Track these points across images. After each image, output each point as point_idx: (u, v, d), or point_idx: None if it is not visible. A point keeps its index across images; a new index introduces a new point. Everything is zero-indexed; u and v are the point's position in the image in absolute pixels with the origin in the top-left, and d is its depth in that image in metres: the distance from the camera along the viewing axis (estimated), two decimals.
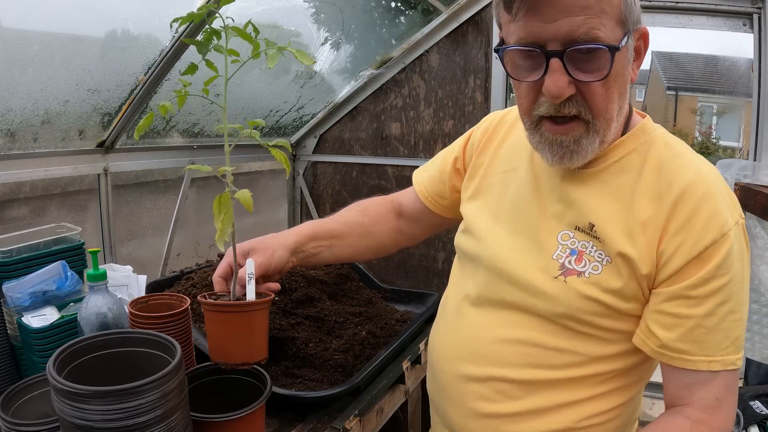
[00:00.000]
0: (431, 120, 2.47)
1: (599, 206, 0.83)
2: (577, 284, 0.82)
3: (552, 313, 0.85)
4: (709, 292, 0.77)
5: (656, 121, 0.90)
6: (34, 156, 1.60)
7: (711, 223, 0.76)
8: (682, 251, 0.77)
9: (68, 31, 1.49)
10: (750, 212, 1.72)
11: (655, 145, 0.85)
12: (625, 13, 0.73)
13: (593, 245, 0.83)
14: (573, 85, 0.75)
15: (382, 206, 1.26)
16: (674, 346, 0.79)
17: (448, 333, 1.01)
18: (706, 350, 0.78)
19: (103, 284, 1.04)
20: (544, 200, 0.90)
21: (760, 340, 1.83)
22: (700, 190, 0.78)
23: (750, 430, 1.45)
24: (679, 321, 0.79)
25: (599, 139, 0.80)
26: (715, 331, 0.78)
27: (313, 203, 2.82)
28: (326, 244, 1.15)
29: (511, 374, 0.89)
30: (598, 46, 0.71)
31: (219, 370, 1.03)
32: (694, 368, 0.79)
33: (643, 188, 0.81)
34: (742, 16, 1.81)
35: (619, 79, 0.77)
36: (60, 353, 0.78)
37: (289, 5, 2.04)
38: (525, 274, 0.88)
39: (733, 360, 0.79)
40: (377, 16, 2.36)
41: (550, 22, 0.71)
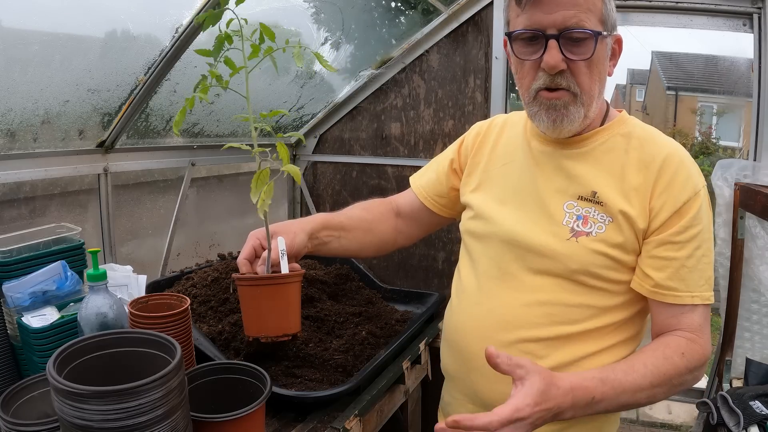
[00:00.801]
0: (431, 120, 2.47)
1: (598, 177, 1.03)
2: (587, 242, 1.01)
3: (568, 271, 1.01)
4: (689, 237, 0.98)
5: (656, 121, 0.99)
6: (34, 156, 1.60)
7: (686, 185, 0.99)
8: (666, 206, 0.98)
9: (68, 31, 1.49)
10: (750, 212, 1.72)
11: (634, 130, 1.07)
12: (605, 15, 0.96)
13: (596, 210, 1.02)
14: (565, 62, 0.96)
15: (382, 206, 1.37)
16: (665, 284, 0.99)
17: (470, 308, 1.13)
18: (689, 287, 0.99)
19: (103, 284, 1.04)
20: (546, 179, 1.08)
21: (760, 340, 1.83)
22: (676, 160, 1.00)
23: (750, 430, 1.45)
24: (668, 263, 0.99)
25: (584, 111, 1.00)
26: (694, 270, 0.99)
27: (313, 203, 2.82)
28: (336, 234, 1.27)
29: (538, 333, 1.03)
30: (585, 31, 0.93)
31: (219, 369, 1.04)
32: (681, 302, 0.99)
33: (630, 162, 1.02)
34: (742, 16, 1.81)
35: (600, 65, 0.99)
36: (60, 353, 0.78)
37: (289, 5, 2.04)
38: (540, 240, 1.04)
39: (708, 296, 1.00)
40: (377, 16, 2.36)
41: (549, 13, 0.93)
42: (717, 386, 1.88)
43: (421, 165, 1.41)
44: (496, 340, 1.04)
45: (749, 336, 1.84)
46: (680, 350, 0.98)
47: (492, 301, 1.08)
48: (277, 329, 1.03)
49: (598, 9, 0.95)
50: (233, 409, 0.93)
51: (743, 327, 1.84)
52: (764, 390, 1.58)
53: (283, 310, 1.03)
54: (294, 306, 1.05)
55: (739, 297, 1.81)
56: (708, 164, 6.73)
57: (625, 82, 18.36)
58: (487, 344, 1.01)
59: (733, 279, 1.81)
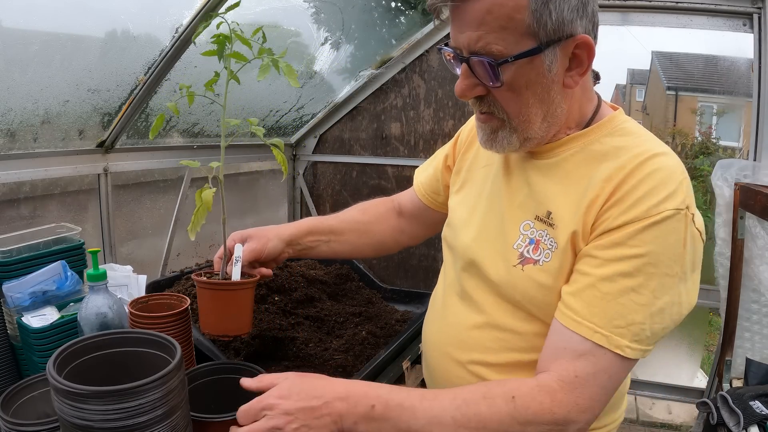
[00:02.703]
0: (431, 120, 2.47)
1: (558, 194, 0.87)
2: (533, 272, 0.87)
3: (513, 300, 0.90)
4: (614, 257, 0.78)
5: (656, 121, 0.93)
6: (34, 156, 1.61)
7: (639, 203, 0.78)
8: (605, 223, 0.80)
9: (68, 31, 1.49)
10: (750, 212, 1.72)
11: (619, 137, 0.88)
12: (535, 27, 0.77)
13: (547, 233, 0.87)
14: (483, 87, 0.84)
15: (383, 206, 1.33)
16: (566, 300, 0.82)
17: (436, 320, 1.08)
18: (594, 317, 0.78)
19: (103, 284, 1.04)
20: (512, 191, 0.95)
21: (760, 340, 1.83)
22: (645, 171, 0.80)
23: (750, 430, 1.45)
24: (579, 277, 0.82)
25: (519, 136, 0.87)
26: (609, 301, 0.78)
27: (313, 203, 2.82)
28: (324, 239, 1.22)
29: (489, 358, 0.94)
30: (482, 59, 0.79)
31: (219, 369, 1.06)
32: (578, 331, 0.79)
33: (600, 177, 0.84)
34: (742, 16, 1.81)
35: (534, 86, 0.82)
36: (60, 353, 0.78)
37: (289, 5, 2.04)
38: (490, 262, 0.93)
39: (622, 344, 0.77)
40: (377, 16, 2.36)
41: (460, 32, 0.81)
42: (717, 386, 1.88)
43: (421, 165, 1.40)
44: (452, 358, 0.99)
45: (749, 336, 1.84)
46: (511, 394, 0.78)
47: (450, 317, 1.02)
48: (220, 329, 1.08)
49: (520, 23, 0.77)
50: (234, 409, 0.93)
51: (743, 327, 1.84)
52: (764, 390, 1.58)
53: (233, 314, 1.07)
54: (244, 310, 1.09)
55: (739, 297, 1.81)
56: (708, 164, 6.73)
57: (625, 82, 18.36)
58: (445, 361, 1.01)
59: (733, 279, 1.81)
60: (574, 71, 0.83)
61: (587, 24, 0.81)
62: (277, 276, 1.70)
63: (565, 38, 0.79)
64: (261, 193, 2.82)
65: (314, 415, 0.78)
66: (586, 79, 0.89)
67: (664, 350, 3.15)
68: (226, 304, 1.06)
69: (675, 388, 2.31)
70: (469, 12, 0.78)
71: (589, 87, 0.92)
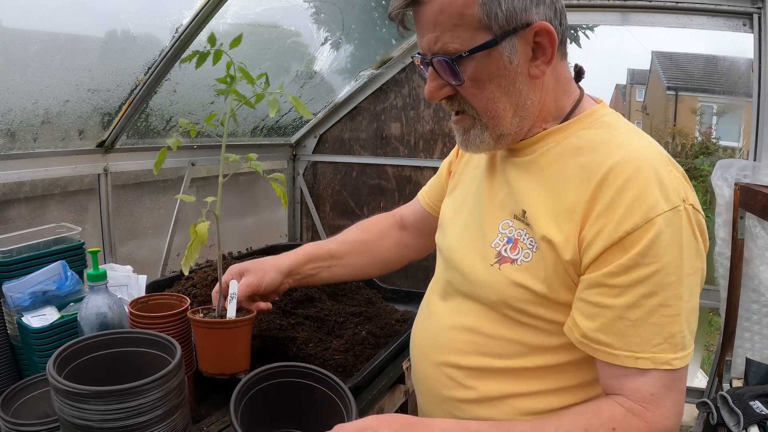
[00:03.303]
0: (431, 120, 2.47)
1: (534, 193, 0.85)
2: (509, 272, 0.84)
3: (489, 301, 0.88)
4: (631, 281, 0.74)
5: (656, 121, 0.92)
6: (34, 156, 1.61)
7: (634, 207, 0.73)
8: (602, 236, 0.75)
9: (68, 31, 1.49)
10: (750, 212, 1.72)
11: (597, 130, 0.85)
12: (486, 20, 0.77)
13: (526, 232, 0.84)
14: (451, 87, 0.85)
15: (383, 222, 1.31)
16: (595, 337, 0.77)
17: (421, 322, 1.07)
18: (631, 345, 0.75)
19: (103, 284, 1.04)
20: (494, 190, 0.94)
21: (760, 340, 1.83)
22: (628, 171, 0.75)
23: (750, 430, 1.45)
24: (600, 311, 0.76)
25: (491, 133, 0.86)
26: (641, 325, 0.74)
27: (313, 203, 2.82)
28: (325, 264, 1.22)
29: (461, 361, 0.92)
30: (443, 58, 0.80)
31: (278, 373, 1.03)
32: (619, 363, 0.76)
33: (574, 172, 0.81)
34: (742, 16, 1.81)
35: (497, 79, 0.81)
36: (60, 353, 0.78)
37: (289, 5, 2.04)
38: (466, 262, 0.92)
39: (667, 359, 0.74)
40: (377, 16, 2.35)
41: (422, 37, 0.83)
42: (717, 386, 1.88)
43: (421, 165, 1.41)
44: (429, 360, 0.98)
45: (749, 336, 1.84)
46: (611, 424, 0.75)
47: (432, 318, 1.02)
48: (216, 368, 1.06)
49: (471, 18, 0.77)
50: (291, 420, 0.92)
51: (743, 327, 1.84)
52: (764, 390, 1.58)
53: (229, 353, 1.06)
54: (241, 348, 1.07)
55: (739, 297, 1.81)
56: (708, 164, 6.72)
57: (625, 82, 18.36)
58: (424, 362, 1.00)
59: (733, 279, 1.81)
60: (539, 60, 0.82)
61: (546, 11, 0.80)
62: None
63: (521, 28, 0.78)
64: (261, 193, 2.82)
65: None
66: (560, 70, 0.87)
67: None
68: (222, 342, 1.05)
69: None
70: (425, 15, 0.80)
71: (564, 79, 0.89)
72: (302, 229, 2.91)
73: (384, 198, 2.67)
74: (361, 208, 2.74)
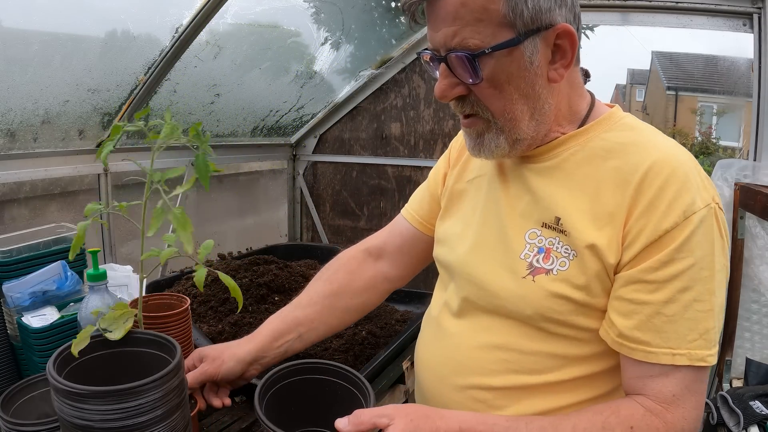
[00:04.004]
0: (431, 120, 2.47)
1: (565, 199, 0.83)
2: (545, 283, 0.81)
3: (523, 315, 0.84)
4: (668, 276, 0.74)
5: (656, 121, 0.91)
6: (34, 156, 1.61)
7: (674, 206, 0.74)
8: (643, 235, 0.76)
9: (68, 31, 1.49)
10: (750, 212, 1.72)
11: (620, 132, 0.84)
12: (511, 17, 0.74)
13: (560, 240, 0.82)
14: (463, 88, 0.80)
15: (353, 262, 1.18)
16: (632, 336, 0.77)
17: (431, 344, 1.00)
18: (669, 341, 0.75)
19: (103, 284, 1.04)
20: (511, 199, 0.89)
21: (760, 340, 1.83)
22: (666, 171, 0.76)
23: (750, 430, 1.45)
24: (637, 307, 0.76)
25: (507, 137, 0.82)
26: (678, 320, 0.75)
27: (313, 203, 2.82)
28: (294, 336, 1.09)
29: (491, 382, 0.87)
30: (462, 54, 0.76)
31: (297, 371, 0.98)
32: (657, 361, 0.76)
33: (608, 176, 0.80)
34: (742, 16, 1.81)
35: (516, 80, 0.78)
36: (60, 353, 0.78)
37: (289, 5, 2.04)
38: (493, 276, 0.87)
39: (702, 356, 0.75)
40: (377, 16, 2.36)
41: (435, 31, 0.78)
42: (717, 386, 1.88)
43: (421, 165, 1.40)
44: (449, 383, 0.92)
45: (749, 336, 1.84)
46: (629, 423, 0.75)
47: (449, 339, 0.94)
48: None
49: (495, 13, 0.74)
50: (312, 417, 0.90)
51: (743, 327, 1.84)
52: (764, 390, 1.58)
53: None
54: None
55: (739, 297, 1.81)
56: (708, 164, 6.73)
57: (625, 82, 18.37)
58: (442, 386, 0.93)
59: (733, 279, 1.81)
60: (558, 63, 0.79)
61: (567, 14, 0.78)
62: (277, 276, 1.70)
63: (544, 28, 0.76)
64: (261, 193, 2.83)
65: None
66: (574, 75, 0.85)
67: None
68: None
69: None
70: (443, 7, 0.76)
71: (578, 83, 0.87)
72: (302, 229, 2.91)
73: (384, 198, 2.67)
74: (361, 208, 2.74)
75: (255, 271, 1.71)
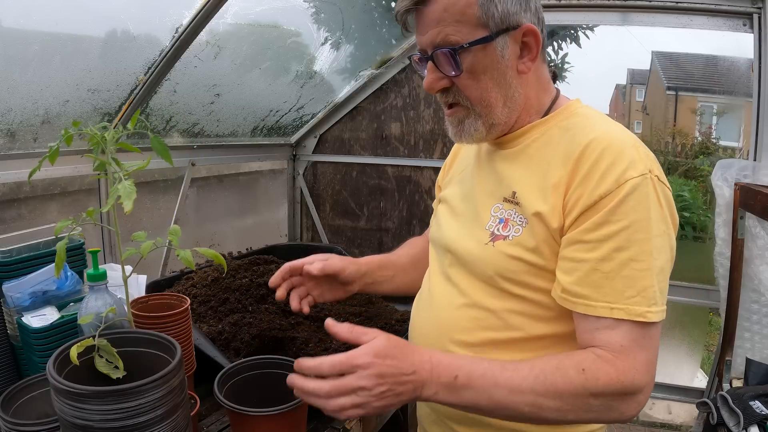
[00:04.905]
0: (431, 120, 2.48)
1: (523, 177, 0.95)
2: (503, 247, 0.93)
3: (485, 276, 0.95)
4: (603, 236, 0.83)
5: (656, 121, 0.94)
6: (34, 156, 1.60)
7: (606, 175, 0.84)
8: (581, 201, 0.85)
9: (68, 31, 1.49)
10: (750, 212, 1.73)
11: (572, 119, 0.96)
12: (484, 18, 0.89)
13: (515, 211, 0.94)
14: (446, 81, 0.94)
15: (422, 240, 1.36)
16: (573, 290, 0.85)
17: (421, 312, 1.12)
18: (606, 296, 0.83)
19: (103, 284, 1.04)
20: (483, 181, 1.04)
21: (760, 340, 1.83)
22: (601, 145, 0.86)
23: (750, 430, 1.45)
24: (577, 265, 0.85)
25: (483, 122, 0.95)
26: (614, 277, 0.82)
27: (313, 203, 2.82)
28: (390, 274, 1.25)
29: (467, 338, 0.97)
30: (444, 50, 0.90)
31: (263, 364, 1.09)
32: (596, 314, 0.83)
33: (557, 154, 0.92)
34: (742, 16, 1.81)
35: (491, 72, 0.92)
36: (60, 353, 0.78)
37: (289, 5, 2.04)
38: (464, 245, 1.01)
39: (641, 311, 0.81)
40: (377, 16, 2.36)
41: (422, 34, 0.93)
42: (717, 386, 1.88)
43: (421, 165, 1.41)
44: (434, 342, 1.02)
45: (749, 336, 1.84)
46: (581, 365, 0.82)
47: (435, 304, 1.06)
48: None
49: (471, 15, 0.88)
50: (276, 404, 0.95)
51: (743, 327, 1.84)
52: (764, 390, 1.59)
53: None
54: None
55: (739, 297, 1.81)
56: (708, 164, 6.72)
57: (625, 82, 18.35)
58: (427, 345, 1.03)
59: (733, 279, 1.81)
60: (525, 58, 0.94)
61: (532, 17, 0.92)
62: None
63: (512, 28, 0.90)
64: (261, 193, 2.83)
65: (401, 381, 0.81)
66: (541, 71, 0.98)
67: (664, 350, 3.15)
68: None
69: (675, 388, 2.31)
70: (429, 14, 0.90)
71: (545, 80, 1.00)
72: (302, 229, 2.91)
73: (384, 198, 2.67)
74: (361, 208, 2.74)
75: (255, 271, 1.71)
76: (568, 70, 6.13)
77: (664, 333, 3.15)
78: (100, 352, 0.81)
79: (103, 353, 0.81)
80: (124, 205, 0.84)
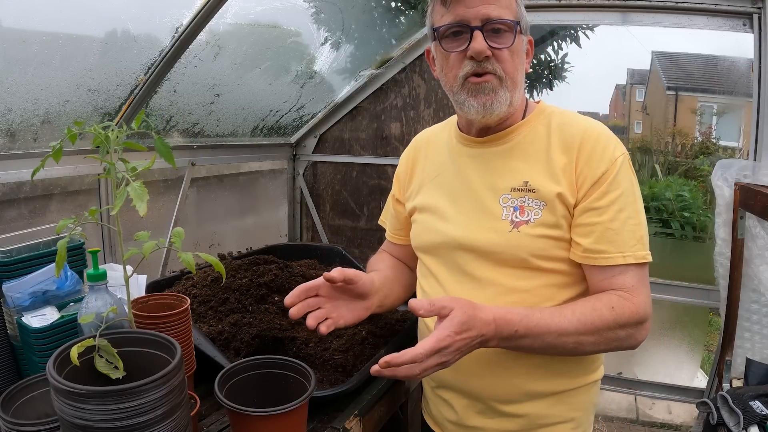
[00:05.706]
0: (431, 120, 2.47)
1: (527, 168, 1.11)
2: (527, 230, 1.08)
3: (518, 260, 1.08)
4: (608, 202, 1.05)
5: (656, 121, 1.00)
6: (34, 156, 1.61)
7: (603, 157, 1.07)
8: (588, 179, 1.06)
9: (68, 31, 1.49)
10: (750, 212, 1.73)
11: (553, 117, 1.15)
12: (519, 15, 1.09)
13: (529, 197, 1.09)
14: (490, 50, 1.05)
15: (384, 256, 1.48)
16: (594, 248, 1.05)
17: None
18: (619, 247, 1.04)
19: (103, 284, 1.04)
20: (480, 179, 1.16)
21: (760, 340, 1.83)
22: (594, 135, 1.09)
23: (750, 430, 1.45)
24: (592, 228, 1.05)
25: (509, 95, 1.09)
26: (621, 232, 1.04)
27: (313, 203, 2.82)
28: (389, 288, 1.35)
29: None
30: (506, 21, 1.05)
31: (263, 364, 1.10)
32: (613, 263, 1.04)
33: (554, 146, 1.10)
34: (742, 16, 1.81)
35: (521, 55, 1.10)
36: (60, 353, 0.78)
37: (289, 5, 2.04)
38: (484, 238, 1.11)
39: (642, 255, 1.05)
40: (377, 16, 2.36)
41: (471, 7, 1.05)
42: (717, 386, 1.88)
43: None
44: None
45: (749, 336, 1.84)
46: (610, 304, 1.02)
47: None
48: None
49: (514, 8, 1.07)
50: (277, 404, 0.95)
51: (743, 327, 1.84)
52: (764, 390, 1.59)
53: None
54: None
55: (739, 297, 1.81)
56: (708, 164, 6.72)
57: (625, 82, 18.36)
58: None
59: (733, 279, 1.81)
60: (527, 60, 1.15)
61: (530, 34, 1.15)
62: (277, 276, 1.70)
63: (526, 32, 1.12)
64: (261, 193, 2.83)
65: (472, 345, 0.96)
66: None
67: (664, 350, 3.15)
68: None
69: (675, 388, 2.30)
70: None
71: None
72: (302, 229, 2.91)
73: (384, 198, 2.67)
74: (361, 208, 2.74)
75: (255, 271, 1.71)
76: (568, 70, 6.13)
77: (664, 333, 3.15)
78: (100, 352, 0.81)
79: (103, 353, 0.81)
80: (138, 208, 0.84)
